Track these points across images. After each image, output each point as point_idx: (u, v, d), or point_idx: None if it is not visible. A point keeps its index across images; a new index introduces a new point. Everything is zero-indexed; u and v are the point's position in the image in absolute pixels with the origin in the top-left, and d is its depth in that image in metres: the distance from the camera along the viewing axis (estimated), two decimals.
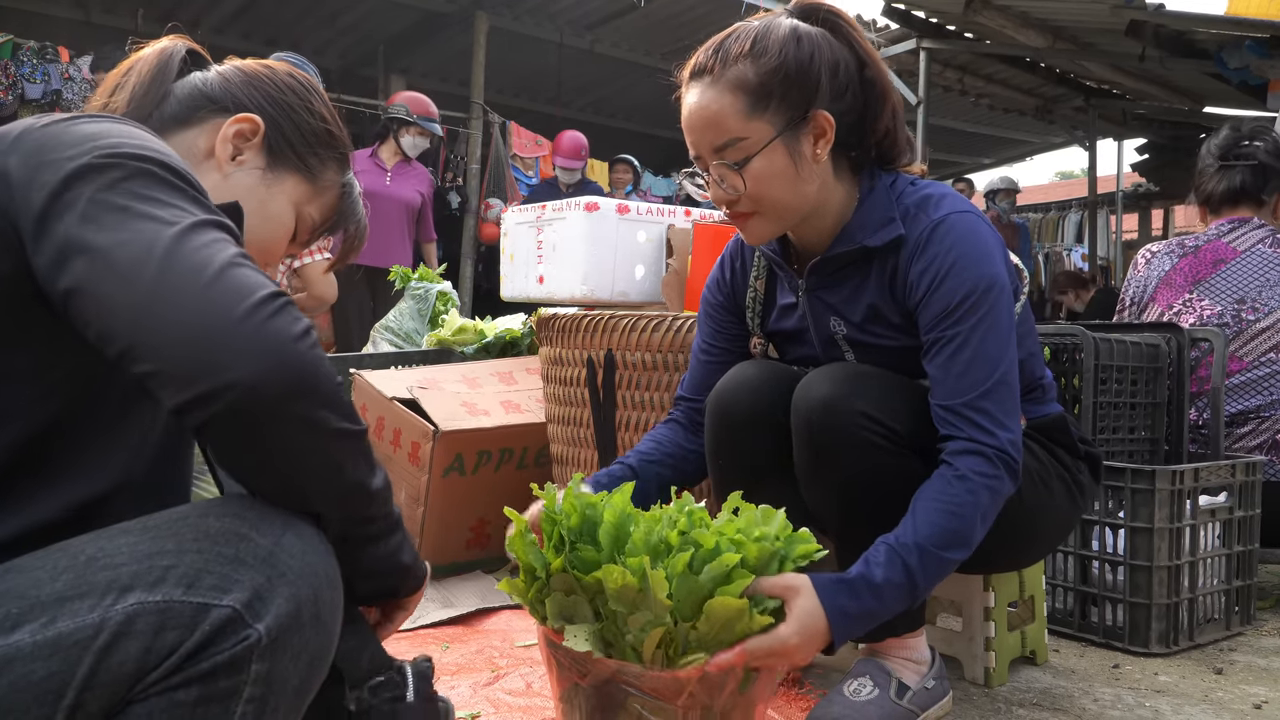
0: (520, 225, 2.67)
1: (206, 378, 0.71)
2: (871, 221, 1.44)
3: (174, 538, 0.75)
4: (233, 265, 0.76)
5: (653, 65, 8.63)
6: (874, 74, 1.44)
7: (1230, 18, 4.84)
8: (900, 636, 1.49)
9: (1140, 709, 1.61)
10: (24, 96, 6.26)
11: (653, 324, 2.07)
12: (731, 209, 1.43)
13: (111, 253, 0.74)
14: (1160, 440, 2.17)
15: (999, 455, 1.32)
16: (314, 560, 0.78)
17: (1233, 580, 2.03)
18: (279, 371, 0.73)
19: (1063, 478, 1.53)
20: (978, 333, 1.35)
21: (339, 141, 1.13)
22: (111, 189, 0.78)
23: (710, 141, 1.38)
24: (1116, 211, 10.08)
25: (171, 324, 0.72)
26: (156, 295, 0.73)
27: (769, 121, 1.36)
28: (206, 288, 0.73)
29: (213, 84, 1.06)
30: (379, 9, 7.62)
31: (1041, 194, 15.72)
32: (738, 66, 1.36)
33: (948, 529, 1.29)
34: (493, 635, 1.91)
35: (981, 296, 1.36)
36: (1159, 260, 2.60)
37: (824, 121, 1.38)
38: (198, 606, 0.72)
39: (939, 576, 1.30)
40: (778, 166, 1.38)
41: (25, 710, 0.69)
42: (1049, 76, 7.05)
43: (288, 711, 0.77)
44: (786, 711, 1.56)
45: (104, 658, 0.70)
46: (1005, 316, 1.38)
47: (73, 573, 0.73)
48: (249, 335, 0.72)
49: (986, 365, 1.35)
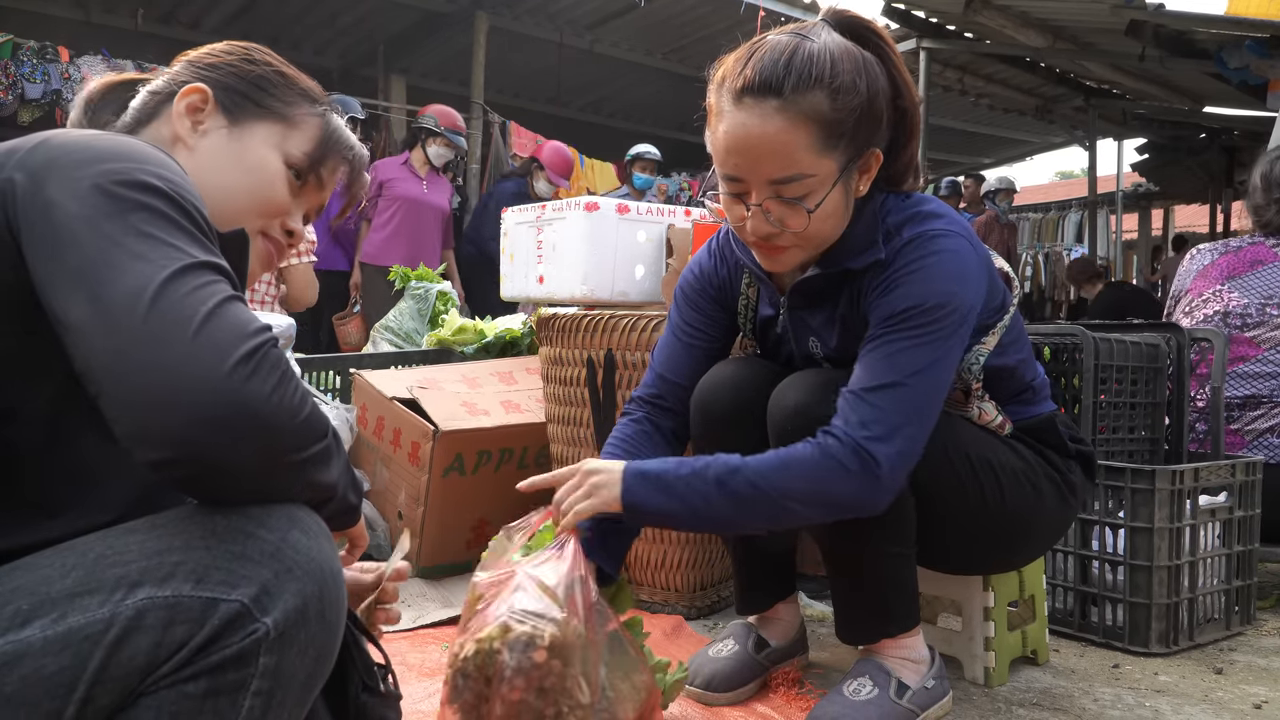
0: (520, 225, 2.67)
1: (173, 447, 0.72)
2: (857, 245, 1.40)
3: (182, 535, 0.76)
4: (211, 318, 0.74)
5: (653, 65, 8.63)
6: (907, 104, 1.38)
7: (1230, 18, 4.83)
8: (896, 637, 1.49)
9: (1140, 709, 1.61)
10: (24, 96, 6.26)
11: (653, 324, 2.07)
12: (769, 242, 1.36)
13: (98, 294, 0.74)
14: (1160, 440, 2.17)
15: (856, 449, 1.26)
16: (319, 556, 0.79)
17: (1233, 580, 2.03)
18: (247, 441, 0.73)
19: (1052, 478, 1.53)
20: (908, 343, 1.30)
21: (293, 79, 1.11)
22: (111, 219, 0.77)
23: (770, 173, 1.29)
24: (1116, 211, 10.09)
25: (142, 386, 0.71)
26: (130, 351, 0.72)
27: (835, 160, 1.30)
28: (180, 346, 0.72)
29: (158, 83, 1.08)
30: (379, 9, 7.62)
31: (1041, 194, 15.73)
32: (813, 96, 1.26)
33: (770, 466, 1.28)
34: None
35: (927, 312, 1.30)
36: (1202, 255, 2.67)
37: (874, 159, 1.35)
38: (207, 601, 0.73)
39: (738, 505, 1.28)
40: (837, 205, 1.33)
41: (37, 704, 0.70)
42: (1049, 76, 7.05)
43: (294, 705, 0.79)
44: (786, 711, 1.56)
45: (114, 652, 0.71)
46: (947, 338, 1.31)
47: (82, 569, 0.74)
48: (218, 404, 0.71)
49: (897, 369, 1.29)
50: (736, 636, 1.66)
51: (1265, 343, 2.44)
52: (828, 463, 1.26)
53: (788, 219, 1.32)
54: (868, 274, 1.39)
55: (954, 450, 1.44)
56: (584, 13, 7.72)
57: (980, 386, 1.50)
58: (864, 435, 1.27)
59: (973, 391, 1.49)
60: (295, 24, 7.84)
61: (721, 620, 2.08)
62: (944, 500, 1.45)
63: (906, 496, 1.42)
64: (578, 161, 8.33)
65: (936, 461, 1.43)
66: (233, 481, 0.76)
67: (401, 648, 1.82)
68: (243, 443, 0.73)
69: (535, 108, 9.56)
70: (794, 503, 1.28)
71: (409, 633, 1.93)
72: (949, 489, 1.45)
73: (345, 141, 1.14)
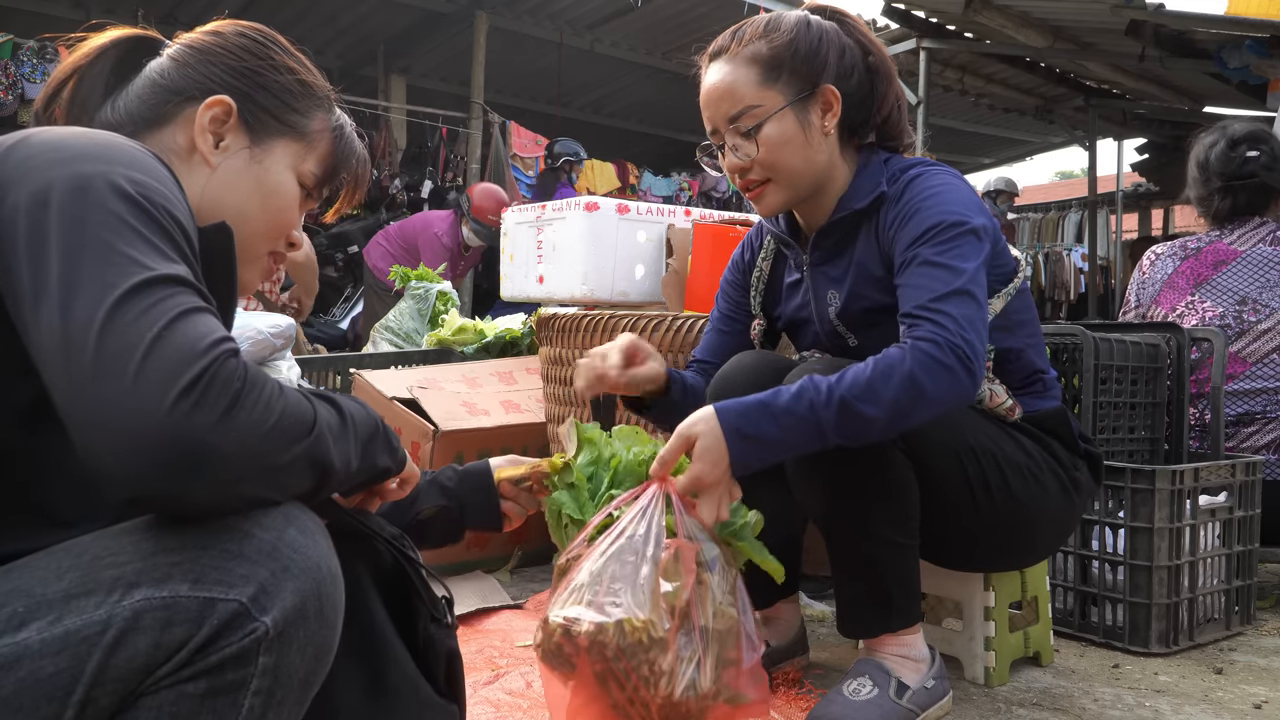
0: (520, 225, 2.67)
1: (128, 485, 0.70)
2: (863, 190, 1.53)
3: (178, 535, 0.75)
4: (155, 345, 0.71)
5: (653, 65, 8.64)
6: (877, 61, 1.55)
7: (1230, 18, 4.83)
8: (897, 634, 1.49)
9: (1140, 709, 1.61)
10: (24, 96, 6.27)
11: (653, 324, 2.07)
12: (745, 178, 1.52)
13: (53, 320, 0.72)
14: (1160, 440, 2.17)
15: (949, 343, 1.30)
16: (317, 554, 0.79)
17: (1233, 580, 2.03)
18: (199, 474, 0.71)
19: (1056, 474, 1.54)
20: (943, 255, 1.39)
21: (315, 88, 1.08)
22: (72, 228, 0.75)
23: (725, 111, 1.49)
24: (1116, 211, 10.08)
25: (94, 424, 0.69)
26: (83, 387, 0.70)
27: (780, 91, 1.48)
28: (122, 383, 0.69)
29: (169, 73, 1.01)
30: (379, 9, 7.62)
31: (1041, 194, 15.73)
32: (752, 45, 1.49)
33: (867, 381, 1.28)
34: (493, 635, 1.91)
35: (949, 228, 1.40)
36: (1162, 263, 2.60)
37: (831, 95, 1.49)
38: (204, 601, 0.72)
39: (848, 426, 1.27)
40: (789, 133, 1.48)
41: (36, 707, 0.70)
42: (1049, 76, 7.05)
43: (294, 703, 0.78)
44: (786, 711, 1.56)
45: (112, 653, 0.71)
46: (973, 251, 1.40)
47: (78, 571, 0.73)
48: (163, 443, 0.69)
49: (948, 275, 1.37)
50: None
51: (1250, 356, 2.41)
52: (928, 363, 1.28)
53: (748, 149, 1.49)
54: (878, 212, 1.51)
55: (959, 442, 1.45)
56: (584, 13, 7.73)
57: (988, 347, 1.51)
58: (954, 332, 1.31)
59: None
60: (295, 24, 7.84)
61: None
62: (947, 492, 1.46)
63: (911, 486, 1.43)
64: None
65: (941, 453, 1.44)
66: (201, 508, 0.74)
67: None
68: (195, 477, 0.70)
69: (535, 108, 9.57)
70: (902, 411, 1.29)
71: None
72: (952, 481, 1.45)
73: (353, 154, 1.12)
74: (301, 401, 0.79)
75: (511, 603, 2.11)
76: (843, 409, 1.26)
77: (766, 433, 1.26)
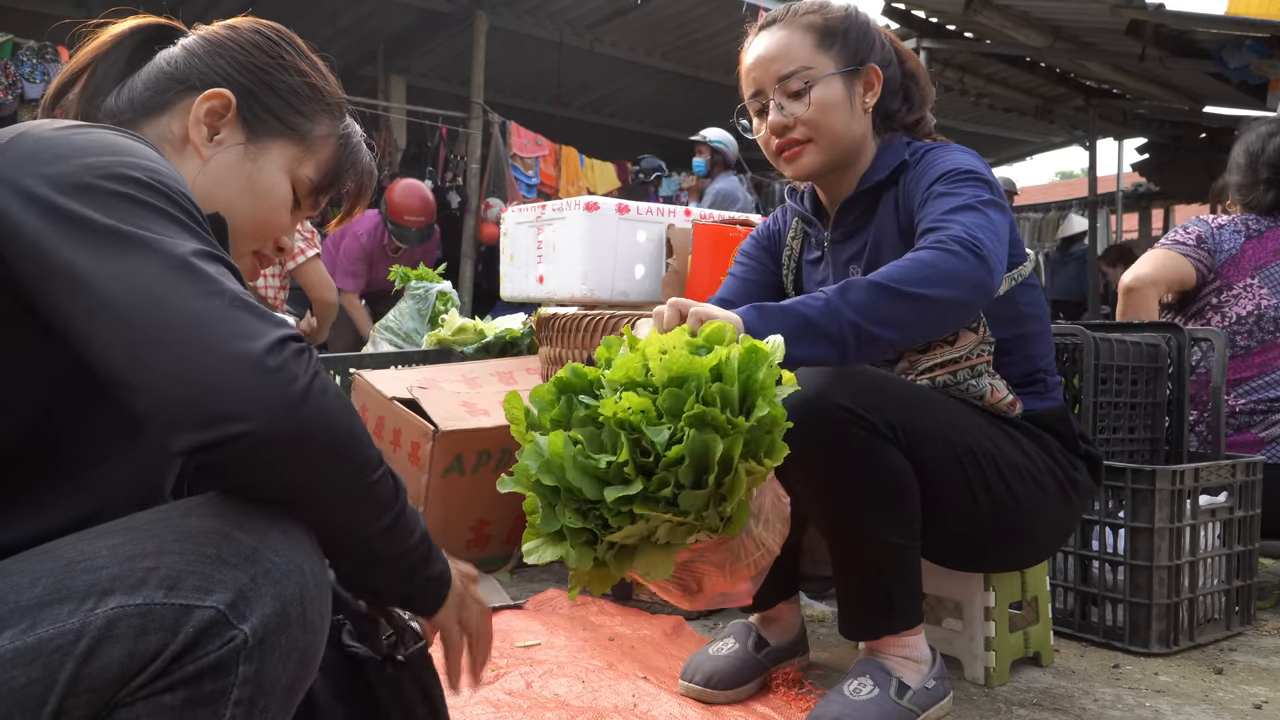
0: (520, 225, 2.67)
1: (211, 426, 0.70)
2: (885, 164, 1.60)
3: (154, 539, 0.73)
4: (236, 306, 0.73)
5: (653, 65, 8.63)
6: (914, 68, 1.68)
7: (1230, 17, 4.83)
8: (899, 634, 1.49)
9: (1140, 709, 1.61)
10: (24, 96, 6.25)
11: None
12: (785, 137, 1.58)
13: (108, 286, 0.72)
14: (1160, 440, 2.17)
15: (956, 238, 1.34)
16: (299, 558, 0.76)
17: (1233, 580, 2.03)
18: (287, 421, 0.72)
19: (1055, 474, 1.54)
20: (955, 188, 1.45)
21: (324, 93, 1.05)
22: (107, 212, 0.75)
23: (776, 71, 1.56)
24: (1117, 211, 10.08)
25: (173, 368, 0.70)
26: (155, 336, 0.71)
27: (832, 59, 1.57)
28: (209, 328, 0.71)
29: (178, 62, 1.00)
30: (379, 9, 7.62)
31: (1041, 194, 15.72)
32: (808, 16, 1.59)
33: (886, 271, 1.30)
34: (493, 635, 1.90)
35: (963, 174, 1.47)
36: (1226, 235, 2.54)
37: (874, 75, 1.60)
38: (180, 608, 0.70)
39: (868, 303, 1.25)
40: (837, 97, 1.56)
41: (8, 718, 0.68)
42: (1049, 76, 7.04)
43: (278, 712, 0.76)
44: (786, 712, 1.56)
45: (86, 663, 0.69)
46: (985, 192, 1.44)
47: (52, 577, 0.72)
48: (258, 384, 0.71)
49: (957, 200, 1.42)
50: (737, 635, 1.66)
51: None
52: (940, 251, 1.33)
53: (795, 109, 1.56)
54: (898, 182, 1.58)
55: (958, 443, 1.46)
56: (584, 13, 7.72)
57: (987, 335, 1.53)
58: (960, 233, 1.35)
59: (978, 331, 1.53)
60: (295, 24, 7.69)
61: (722, 620, 2.08)
62: (946, 493, 1.46)
63: (913, 487, 1.43)
64: (577, 162, 8.34)
65: (940, 453, 1.44)
66: (274, 464, 0.74)
67: None
68: (282, 423, 0.72)
69: (535, 108, 9.56)
70: (920, 289, 1.28)
71: None
72: (952, 482, 1.45)
73: (357, 164, 1.09)
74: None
75: (511, 603, 2.11)
76: (845, 286, 1.27)
77: (785, 306, 1.25)
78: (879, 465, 1.40)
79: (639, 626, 1.98)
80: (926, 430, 1.44)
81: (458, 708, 1.50)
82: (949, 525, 1.49)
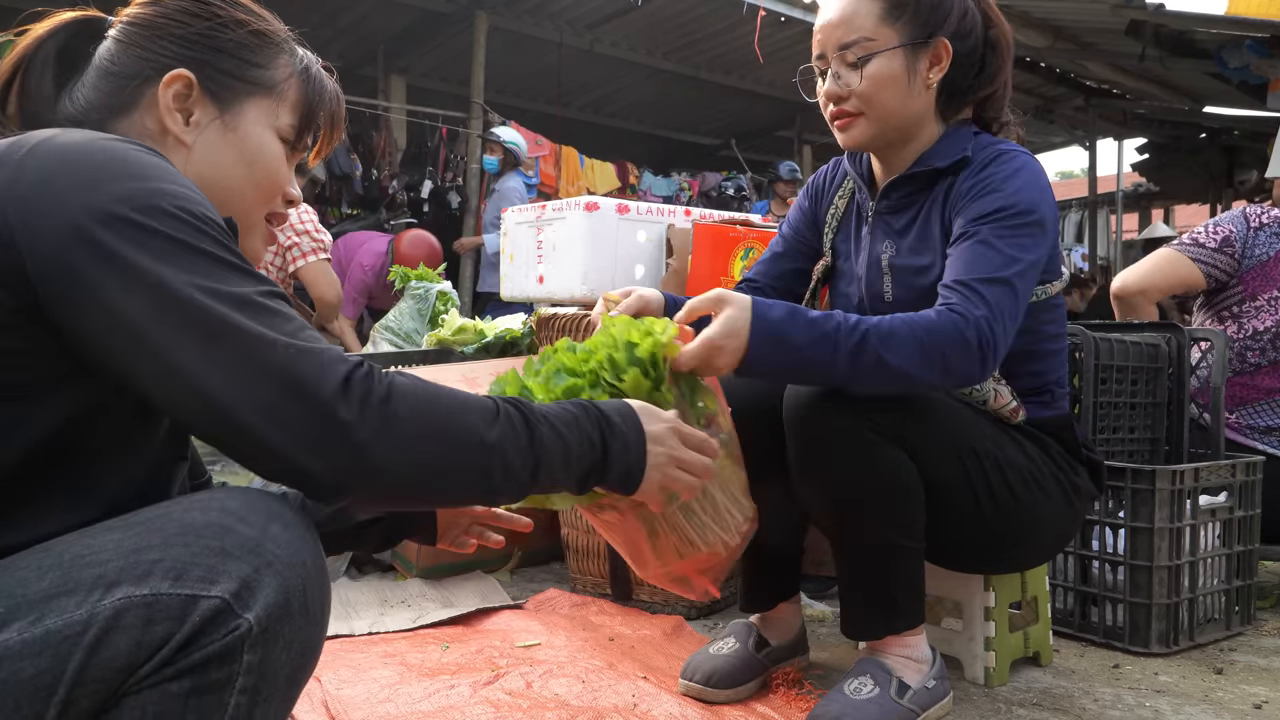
0: (520, 225, 2.67)
1: (302, 483, 0.77)
2: (947, 152, 1.54)
3: (159, 532, 0.74)
4: (307, 346, 0.78)
5: (653, 65, 8.63)
6: (998, 35, 1.58)
7: (1230, 18, 4.84)
8: (900, 635, 1.49)
9: (1140, 709, 1.61)
10: None
11: None
12: (839, 105, 1.54)
13: (179, 343, 0.75)
14: (1160, 440, 2.17)
15: (977, 324, 1.33)
16: (301, 550, 0.78)
17: (1233, 580, 2.03)
18: (361, 476, 0.78)
19: (1058, 479, 1.54)
20: (1001, 238, 1.41)
21: (270, 35, 1.01)
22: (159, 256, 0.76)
23: (839, 38, 1.51)
24: (1117, 211, 10.09)
25: (264, 418, 0.74)
26: (239, 387, 0.74)
27: (897, 31, 1.50)
28: (297, 379, 0.76)
29: (119, 58, 0.95)
30: (379, 9, 7.61)
31: None
32: None
33: (890, 326, 1.30)
34: (493, 635, 1.91)
35: (1018, 215, 1.42)
36: (1265, 238, 2.41)
37: (943, 49, 1.52)
38: (186, 599, 0.72)
39: (861, 360, 1.28)
40: (895, 73, 1.51)
41: (17, 708, 0.69)
42: (1049, 76, 7.05)
43: (281, 700, 0.78)
44: (787, 711, 1.55)
45: (94, 653, 0.70)
46: (1033, 245, 1.42)
47: (59, 570, 0.73)
48: (330, 446, 0.76)
49: (997, 260, 1.39)
50: (737, 635, 1.66)
51: None
52: (954, 335, 1.32)
53: (850, 79, 1.51)
54: (957, 176, 1.52)
55: (961, 444, 1.45)
56: (584, 13, 7.72)
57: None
58: (983, 316, 1.34)
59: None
60: (295, 24, 7.81)
61: (722, 620, 2.08)
62: (948, 494, 1.46)
63: (917, 489, 1.43)
64: (577, 162, 8.34)
65: (943, 454, 1.44)
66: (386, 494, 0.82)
67: (401, 648, 1.82)
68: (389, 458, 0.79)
69: (535, 108, 9.56)
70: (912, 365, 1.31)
71: (409, 633, 1.93)
72: (954, 483, 1.45)
73: (325, 92, 1.06)
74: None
75: (511, 603, 2.11)
76: (862, 341, 1.28)
77: (789, 332, 1.28)
78: (882, 466, 1.41)
79: (639, 626, 1.98)
80: (929, 432, 1.44)
81: (458, 708, 1.50)
82: (950, 526, 1.49)
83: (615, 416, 0.98)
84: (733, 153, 9.93)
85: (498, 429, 0.86)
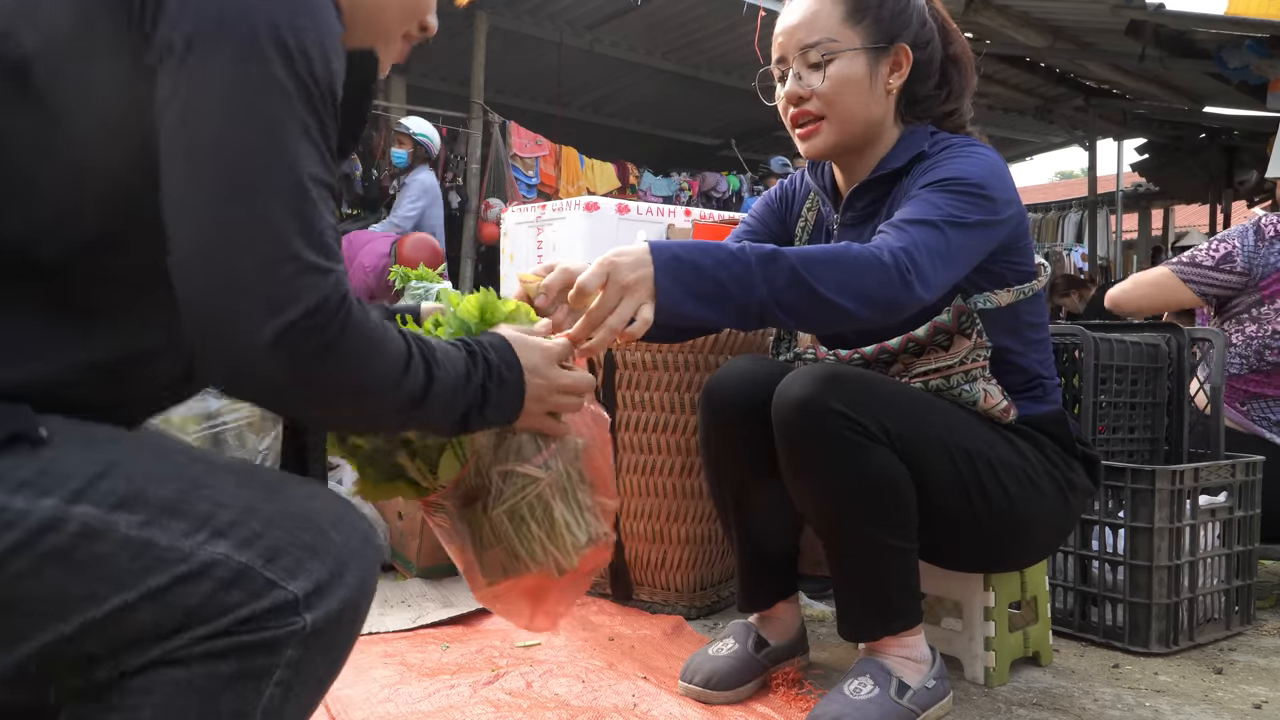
0: (520, 225, 2.67)
1: (227, 373, 0.78)
2: (903, 152, 1.55)
3: (273, 502, 0.78)
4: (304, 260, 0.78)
5: (653, 65, 8.63)
6: (959, 51, 1.59)
7: (1230, 18, 4.84)
8: (899, 635, 1.49)
9: (1140, 709, 1.61)
10: None
11: None
12: (800, 108, 1.53)
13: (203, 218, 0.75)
14: (1160, 440, 2.17)
15: (893, 251, 1.30)
16: (368, 570, 0.82)
17: (1233, 580, 2.03)
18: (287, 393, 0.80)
19: (1052, 476, 1.54)
20: (939, 196, 1.40)
21: None
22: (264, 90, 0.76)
23: (800, 39, 1.52)
24: (1116, 211, 10.09)
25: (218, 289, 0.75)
26: (226, 247, 0.74)
27: (859, 34, 1.51)
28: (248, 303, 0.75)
29: None
30: None
31: (1041, 194, 15.75)
32: None
33: (809, 253, 1.27)
34: (493, 635, 1.91)
35: (964, 184, 1.41)
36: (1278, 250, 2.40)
37: (903, 55, 1.53)
38: (267, 581, 0.75)
39: (775, 277, 1.23)
40: (856, 74, 1.51)
41: (91, 582, 0.72)
42: (1049, 76, 7.05)
43: (308, 700, 0.81)
44: (786, 712, 1.56)
45: (175, 584, 0.73)
46: (973, 209, 1.40)
47: (178, 485, 0.76)
48: (264, 361, 0.76)
49: (929, 210, 1.37)
50: (736, 635, 1.66)
51: None
52: (870, 259, 1.29)
53: (812, 80, 1.51)
54: (913, 171, 1.51)
55: (952, 444, 1.46)
56: (584, 13, 7.72)
57: (983, 341, 1.51)
58: (901, 246, 1.32)
59: (971, 338, 1.50)
60: None
61: (722, 620, 2.08)
62: (941, 494, 1.46)
63: (908, 489, 1.43)
64: (577, 162, 8.34)
65: (934, 455, 1.44)
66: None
67: (401, 648, 1.82)
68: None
69: (535, 108, 9.56)
70: (828, 287, 1.26)
71: (409, 633, 1.93)
72: (946, 483, 1.45)
73: None
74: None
75: None
76: (775, 254, 1.24)
77: (694, 256, 1.21)
78: (873, 468, 1.41)
79: (639, 626, 1.98)
80: (920, 432, 1.44)
81: (458, 708, 1.50)
82: (946, 527, 1.49)
83: (493, 355, 0.98)
84: (733, 153, 9.93)
85: (404, 389, 0.86)
